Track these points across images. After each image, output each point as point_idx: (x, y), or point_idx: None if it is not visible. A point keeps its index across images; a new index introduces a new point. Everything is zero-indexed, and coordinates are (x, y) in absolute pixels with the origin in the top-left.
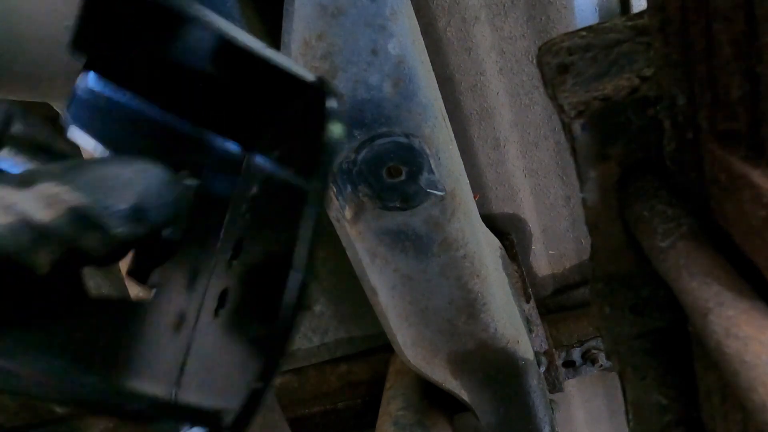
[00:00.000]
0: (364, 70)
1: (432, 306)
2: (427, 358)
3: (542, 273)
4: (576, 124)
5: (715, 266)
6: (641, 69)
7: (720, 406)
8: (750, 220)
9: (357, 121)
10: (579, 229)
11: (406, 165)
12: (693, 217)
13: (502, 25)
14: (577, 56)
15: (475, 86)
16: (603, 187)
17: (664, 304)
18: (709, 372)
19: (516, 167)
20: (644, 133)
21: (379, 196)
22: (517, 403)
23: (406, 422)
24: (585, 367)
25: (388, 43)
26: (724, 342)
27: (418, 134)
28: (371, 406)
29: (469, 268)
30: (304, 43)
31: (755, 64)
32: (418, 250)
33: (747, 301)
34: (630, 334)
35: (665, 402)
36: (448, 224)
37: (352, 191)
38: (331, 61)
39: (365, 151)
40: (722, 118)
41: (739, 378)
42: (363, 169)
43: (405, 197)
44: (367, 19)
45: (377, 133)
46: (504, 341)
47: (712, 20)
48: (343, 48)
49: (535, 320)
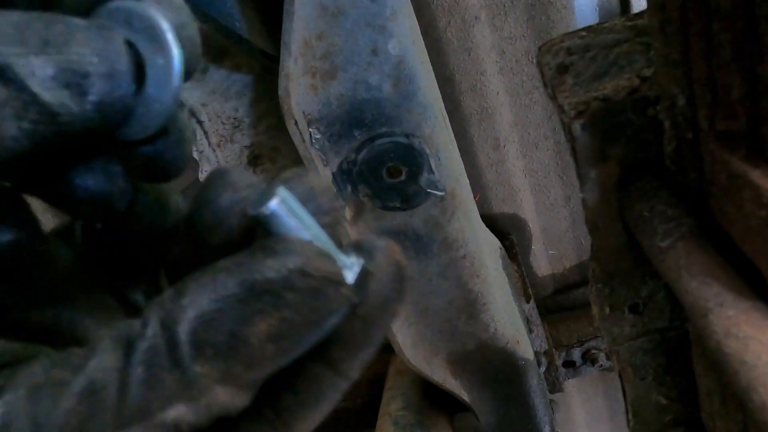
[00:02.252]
0: (364, 70)
1: (432, 306)
2: (427, 358)
3: (542, 273)
4: (576, 124)
5: (715, 266)
6: (641, 69)
7: (720, 406)
8: (750, 220)
9: (357, 121)
10: (579, 229)
11: (406, 165)
12: (693, 217)
13: (502, 25)
14: (577, 56)
15: (475, 86)
16: (603, 187)
17: (664, 304)
18: (709, 372)
19: (516, 167)
20: (644, 133)
21: (379, 196)
22: (517, 403)
23: (406, 422)
24: (585, 367)
25: (388, 43)
26: (724, 342)
27: (418, 134)
28: (371, 406)
29: (469, 268)
30: (304, 43)
31: (755, 64)
32: (418, 251)
33: (747, 301)
34: (630, 334)
35: (665, 402)
36: (448, 224)
37: (352, 191)
38: (331, 61)
39: (365, 151)
40: (722, 118)
41: (739, 378)
42: (363, 169)
43: (405, 197)
44: (368, 19)
45: (377, 133)
46: (504, 341)
47: (712, 20)
48: (343, 48)
49: (535, 320)
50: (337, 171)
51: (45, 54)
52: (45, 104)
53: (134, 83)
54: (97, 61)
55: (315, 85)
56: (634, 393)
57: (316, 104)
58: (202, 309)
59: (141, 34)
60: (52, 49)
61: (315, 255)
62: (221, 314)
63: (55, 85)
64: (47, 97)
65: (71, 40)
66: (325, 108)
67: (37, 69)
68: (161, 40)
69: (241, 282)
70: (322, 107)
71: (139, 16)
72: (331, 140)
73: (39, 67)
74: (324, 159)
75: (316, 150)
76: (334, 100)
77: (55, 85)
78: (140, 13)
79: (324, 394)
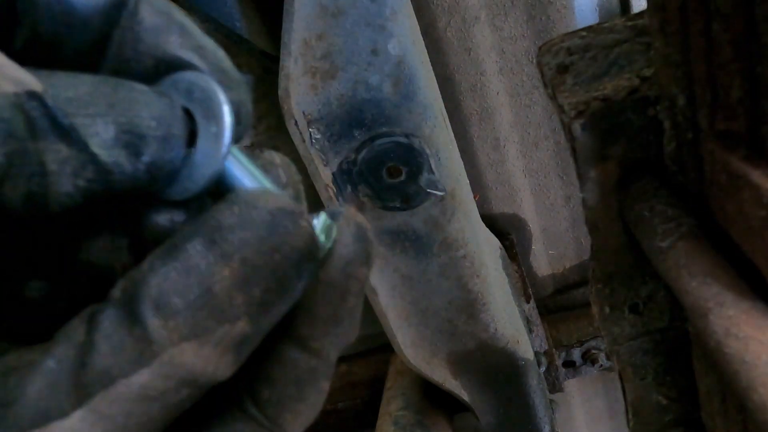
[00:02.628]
0: (364, 70)
1: (432, 306)
2: (427, 358)
3: (542, 273)
4: (576, 124)
5: (715, 266)
6: (641, 69)
7: (720, 406)
8: (750, 220)
9: (357, 121)
10: (579, 229)
11: (406, 165)
12: (693, 217)
13: (502, 25)
14: (577, 56)
15: (475, 86)
16: (603, 187)
17: (664, 304)
18: (709, 372)
19: (516, 167)
20: (644, 133)
21: (379, 196)
22: (517, 403)
23: (406, 422)
24: (585, 367)
25: (388, 43)
26: (724, 342)
27: (418, 134)
28: (371, 406)
29: (469, 268)
30: (304, 43)
31: (755, 64)
32: (418, 250)
33: (747, 301)
34: (630, 334)
35: (665, 402)
36: (448, 224)
37: (352, 191)
38: (331, 61)
39: (365, 151)
40: (722, 118)
41: (739, 378)
42: (363, 169)
43: (405, 197)
44: (367, 19)
45: (377, 133)
46: (504, 341)
47: (712, 20)
48: (343, 48)
49: (535, 320)
50: (337, 171)
51: (109, 116)
52: (102, 163)
53: (185, 147)
54: (155, 125)
55: (315, 85)
56: (634, 393)
57: (316, 104)
58: (162, 265)
59: (199, 104)
60: (117, 112)
61: (268, 193)
62: (181, 265)
63: (114, 144)
64: (105, 157)
65: (134, 104)
66: (325, 108)
67: (101, 130)
68: (217, 111)
69: (198, 229)
70: (322, 107)
71: (200, 88)
72: (331, 140)
73: (102, 128)
74: (324, 159)
75: (316, 150)
76: (334, 100)
77: (114, 145)
78: (201, 85)
79: (303, 380)
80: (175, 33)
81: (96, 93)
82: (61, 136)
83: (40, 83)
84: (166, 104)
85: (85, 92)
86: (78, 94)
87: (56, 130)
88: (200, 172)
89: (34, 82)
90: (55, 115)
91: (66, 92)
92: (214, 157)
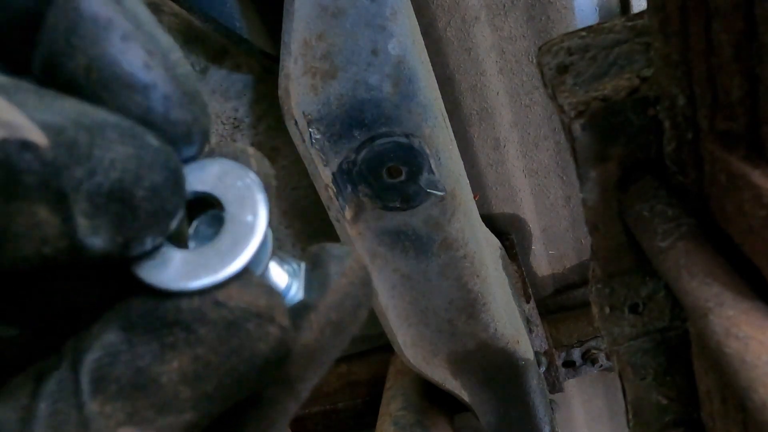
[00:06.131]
0: (364, 70)
1: (432, 306)
2: (427, 358)
3: (542, 273)
4: (576, 124)
5: (715, 266)
6: (641, 69)
7: (720, 406)
8: (750, 220)
9: (357, 121)
10: (579, 229)
11: (406, 165)
12: (693, 217)
13: (502, 25)
14: (577, 56)
15: (475, 86)
16: (603, 187)
17: (664, 304)
18: (709, 372)
19: (516, 167)
20: (644, 133)
21: (379, 196)
22: (517, 403)
23: (406, 422)
24: (585, 367)
25: (388, 43)
26: (724, 342)
27: (418, 134)
28: (371, 406)
29: (469, 268)
30: (304, 43)
31: (755, 64)
32: (418, 250)
33: (747, 301)
34: (630, 334)
35: (665, 402)
36: (448, 224)
37: (352, 191)
38: (331, 61)
39: (365, 151)
40: (722, 118)
41: (739, 378)
42: (363, 169)
43: (405, 197)
44: (367, 19)
45: (377, 133)
46: (504, 341)
47: (712, 20)
48: (343, 48)
49: (535, 320)
50: (337, 171)
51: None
52: (77, 240)
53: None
54: (151, 196)
55: (315, 85)
56: (634, 393)
57: (316, 104)
58: (109, 340)
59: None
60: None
61: (241, 289)
62: (127, 346)
63: (100, 214)
64: (84, 230)
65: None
66: (325, 108)
67: (92, 191)
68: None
69: (151, 311)
70: (322, 107)
71: (235, 174)
72: (331, 140)
73: (94, 188)
74: (324, 159)
75: (316, 150)
76: (334, 100)
77: (100, 214)
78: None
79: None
80: (119, 30)
81: (99, 137)
82: (47, 200)
83: (43, 134)
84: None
85: (87, 138)
86: (80, 139)
87: (44, 192)
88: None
89: (35, 131)
90: (49, 178)
91: (68, 133)
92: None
